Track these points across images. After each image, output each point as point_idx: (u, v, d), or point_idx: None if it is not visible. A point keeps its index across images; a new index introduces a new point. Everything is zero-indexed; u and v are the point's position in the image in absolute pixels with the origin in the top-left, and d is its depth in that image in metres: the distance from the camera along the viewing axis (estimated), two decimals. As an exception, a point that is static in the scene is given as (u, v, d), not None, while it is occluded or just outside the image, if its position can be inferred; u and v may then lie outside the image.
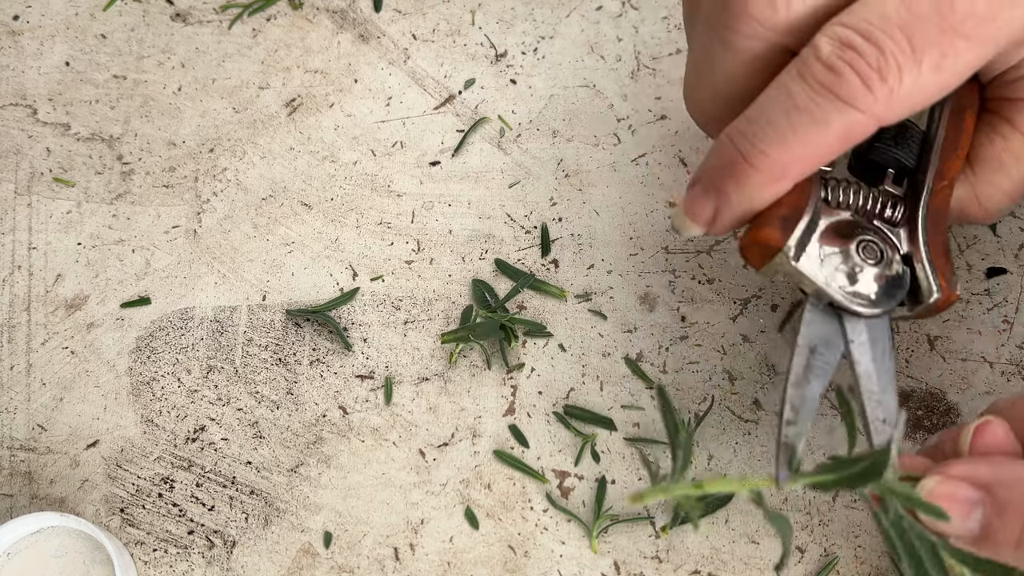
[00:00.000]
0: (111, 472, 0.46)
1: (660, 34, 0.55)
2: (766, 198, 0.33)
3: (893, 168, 0.37)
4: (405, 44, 0.56)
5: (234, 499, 0.46)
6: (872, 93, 0.30)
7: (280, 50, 0.56)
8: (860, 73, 0.29)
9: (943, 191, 0.36)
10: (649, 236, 0.50)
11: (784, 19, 0.31)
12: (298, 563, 0.44)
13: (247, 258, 0.51)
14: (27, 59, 0.57)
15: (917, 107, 0.31)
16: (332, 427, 0.47)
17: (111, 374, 0.48)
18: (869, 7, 0.30)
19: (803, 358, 0.35)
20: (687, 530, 0.44)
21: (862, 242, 0.35)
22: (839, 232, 0.35)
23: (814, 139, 0.31)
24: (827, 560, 0.43)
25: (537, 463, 0.46)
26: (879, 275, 0.35)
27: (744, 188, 0.33)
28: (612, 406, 0.47)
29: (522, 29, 0.56)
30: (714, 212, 0.34)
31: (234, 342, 0.49)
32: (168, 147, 0.54)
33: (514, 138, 0.53)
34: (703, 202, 0.34)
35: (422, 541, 0.45)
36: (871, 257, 0.35)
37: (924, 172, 0.36)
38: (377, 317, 0.49)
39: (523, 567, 0.44)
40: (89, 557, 0.43)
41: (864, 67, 0.29)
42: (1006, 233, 0.48)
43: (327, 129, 0.54)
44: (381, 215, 0.52)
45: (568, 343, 0.48)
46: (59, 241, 0.52)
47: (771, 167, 0.32)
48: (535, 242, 0.50)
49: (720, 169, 0.33)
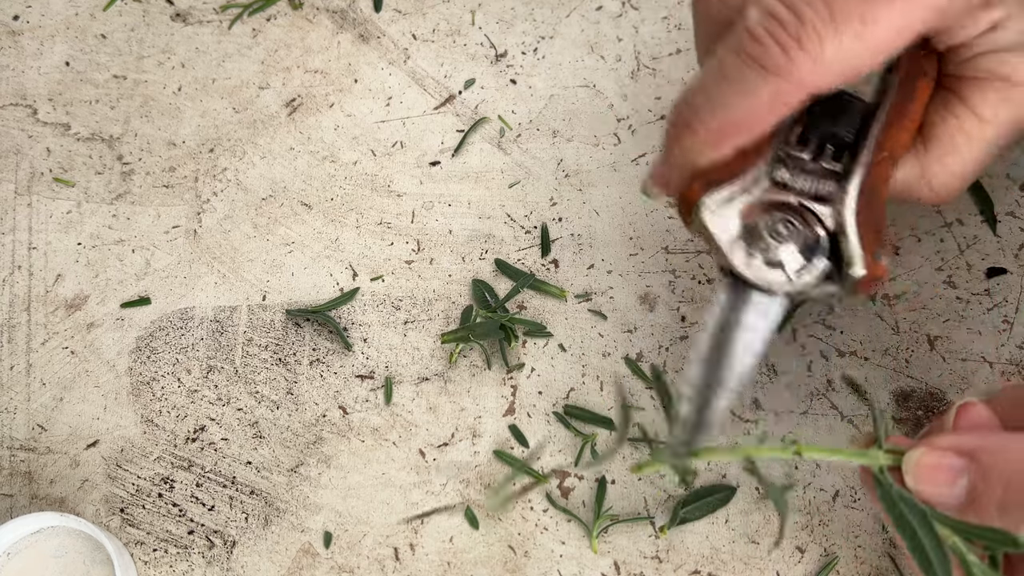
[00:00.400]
0: (111, 472, 0.46)
1: (660, 34, 0.55)
2: (703, 161, 0.34)
3: (831, 143, 0.36)
4: (405, 44, 0.56)
5: (234, 499, 0.46)
6: (793, 62, 0.30)
7: (280, 50, 0.56)
8: (780, 42, 0.30)
9: (882, 163, 0.35)
10: (649, 236, 0.50)
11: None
12: (298, 563, 0.44)
13: (247, 258, 0.51)
14: (27, 59, 0.57)
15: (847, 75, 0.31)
16: (332, 427, 0.47)
17: (111, 374, 0.48)
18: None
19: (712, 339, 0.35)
20: (687, 530, 0.44)
21: (777, 219, 0.35)
22: (761, 207, 0.35)
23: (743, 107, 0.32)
24: (827, 560, 0.43)
25: (537, 463, 0.46)
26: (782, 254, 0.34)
27: (685, 151, 0.34)
28: (612, 406, 0.47)
29: (522, 29, 0.56)
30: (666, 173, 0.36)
31: (234, 342, 0.49)
32: (168, 147, 0.54)
33: (514, 138, 0.53)
34: (659, 167, 0.36)
35: (422, 541, 0.45)
36: (780, 236, 0.34)
37: (862, 145, 0.35)
38: (377, 317, 0.49)
39: (523, 567, 0.44)
40: (89, 557, 0.43)
41: (784, 36, 0.30)
42: (1006, 233, 0.48)
43: (327, 129, 0.54)
44: (381, 215, 0.52)
45: (568, 343, 0.48)
46: (59, 241, 0.52)
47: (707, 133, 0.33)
48: (535, 242, 0.50)
49: (669, 135, 0.35)
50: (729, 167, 0.35)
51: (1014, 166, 0.50)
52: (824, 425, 0.45)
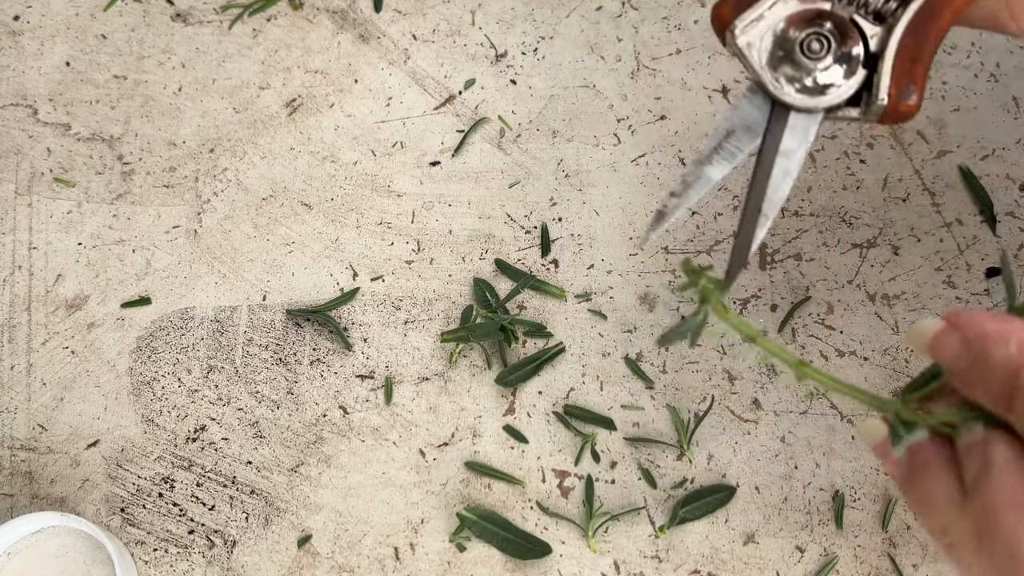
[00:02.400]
0: (111, 472, 0.46)
1: (660, 34, 0.55)
2: None
3: None
4: (405, 44, 0.56)
5: (234, 499, 0.46)
6: None
7: (280, 50, 0.56)
8: None
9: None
10: (649, 236, 0.50)
11: None
12: (298, 563, 0.44)
13: (247, 258, 0.51)
14: (27, 59, 0.57)
15: None
16: (332, 427, 0.47)
17: (111, 374, 0.49)
18: None
19: (715, 140, 0.34)
20: (686, 530, 0.44)
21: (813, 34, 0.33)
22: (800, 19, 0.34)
23: None
24: (827, 560, 0.43)
25: (537, 463, 0.46)
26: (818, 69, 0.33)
27: None
28: (612, 406, 0.47)
29: (522, 29, 0.56)
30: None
31: (234, 342, 0.49)
32: (168, 147, 0.54)
33: (514, 138, 0.53)
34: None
35: (422, 541, 0.45)
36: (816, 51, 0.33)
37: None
38: (377, 317, 0.49)
39: (523, 567, 0.44)
40: (89, 557, 0.43)
41: None
42: (1006, 233, 0.48)
43: (327, 129, 0.54)
44: (381, 215, 0.52)
45: (568, 343, 0.48)
46: (59, 241, 0.52)
47: None
48: (535, 242, 0.50)
49: None
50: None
51: (1014, 166, 0.50)
52: (824, 425, 0.45)
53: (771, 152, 0.34)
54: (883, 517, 0.44)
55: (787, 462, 0.45)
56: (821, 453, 0.45)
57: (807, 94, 0.33)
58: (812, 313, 0.48)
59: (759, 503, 0.44)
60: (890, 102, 0.33)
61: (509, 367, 0.47)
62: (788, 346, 0.47)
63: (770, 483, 0.45)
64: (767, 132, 0.34)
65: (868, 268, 0.48)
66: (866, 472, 0.45)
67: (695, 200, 0.34)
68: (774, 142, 0.34)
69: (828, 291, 0.48)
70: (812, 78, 0.33)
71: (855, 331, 0.47)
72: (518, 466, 0.46)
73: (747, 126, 0.34)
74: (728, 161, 0.34)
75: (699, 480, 0.45)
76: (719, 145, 0.34)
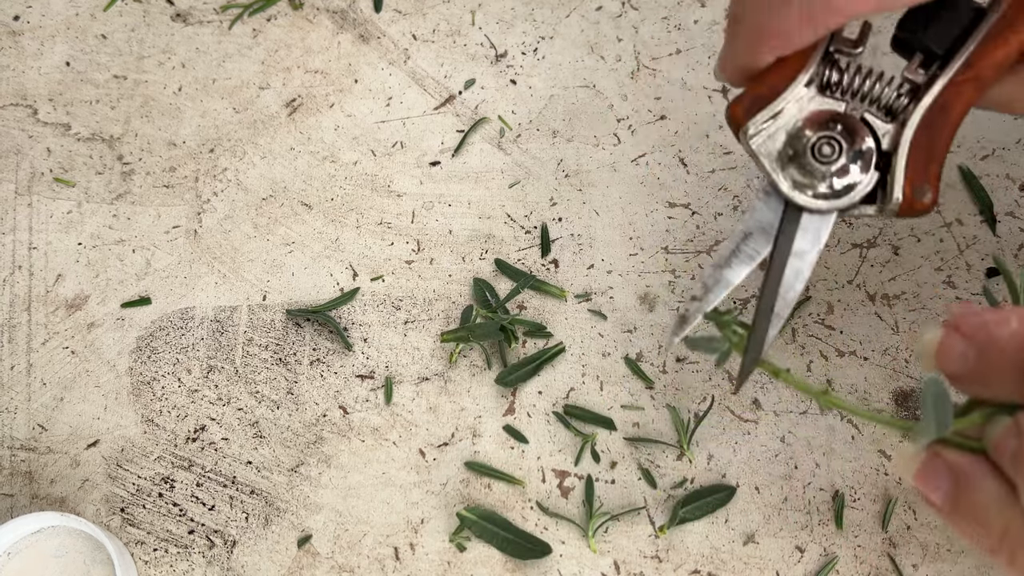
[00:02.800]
0: (111, 472, 0.46)
1: (660, 34, 0.55)
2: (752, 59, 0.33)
3: (921, 51, 0.33)
4: (405, 44, 0.56)
5: (234, 499, 0.46)
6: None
7: (280, 50, 0.56)
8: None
9: (964, 84, 0.32)
10: (649, 236, 0.50)
11: None
12: (298, 563, 0.44)
13: (247, 258, 0.51)
14: (27, 59, 0.57)
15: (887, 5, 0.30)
16: (332, 427, 0.47)
17: (111, 374, 0.49)
18: None
19: (733, 243, 0.35)
20: (686, 530, 0.44)
21: (825, 138, 0.33)
22: (812, 121, 0.34)
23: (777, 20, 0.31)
24: (827, 560, 0.43)
25: (537, 463, 0.46)
26: (832, 173, 0.33)
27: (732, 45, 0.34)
28: (612, 406, 0.47)
29: (522, 29, 0.56)
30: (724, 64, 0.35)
31: (234, 342, 0.49)
32: (168, 147, 0.54)
33: (514, 138, 0.53)
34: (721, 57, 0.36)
35: (422, 541, 0.45)
36: (828, 155, 0.33)
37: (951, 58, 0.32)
38: (377, 317, 0.49)
39: (523, 567, 0.44)
40: (89, 557, 0.43)
41: None
42: (1006, 233, 0.48)
43: (327, 129, 0.54)
44: (381, 215, 0.52)
45: (568, 343, 0.48)
46: (59, 241, 0.52)
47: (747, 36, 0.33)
48: (535, 242, 0.50)
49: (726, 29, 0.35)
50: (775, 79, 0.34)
51: (1014, 166, 0.50)
52: (824, 425, 0.45)
53: (784, 254, 0.34)
54: (883, 517, 0.44)
55: (787, 462, 0.45)
56: (821, 453, 0.45)
57: (820, 197, 0.34)
58: (812, 313, 0.48)
59: (759, 503, 0.44)
60: (904, 201, 0.33)
61: (509, 367, 0.47)
62: (788, 346, 0.47)
63: (770, 483, 0.45)
64: (780, 233, 0.34)
65: (868, 268, 0.48)
66: (866, 472, 0.45)
67: (716, 303, 0.35)
68: (787, 243, 0.34)
69: (828, 291, 0.48)
70: (826, 183, 0.33)
71: (855, 331, 0.47)
72: (518, 466, 0.46)
73: (763, 228, 0.35)
74: (746, 264, 0.35)
75: (699, 480, 0.45)
76: (737, 248, 0.35)
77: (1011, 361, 0.27)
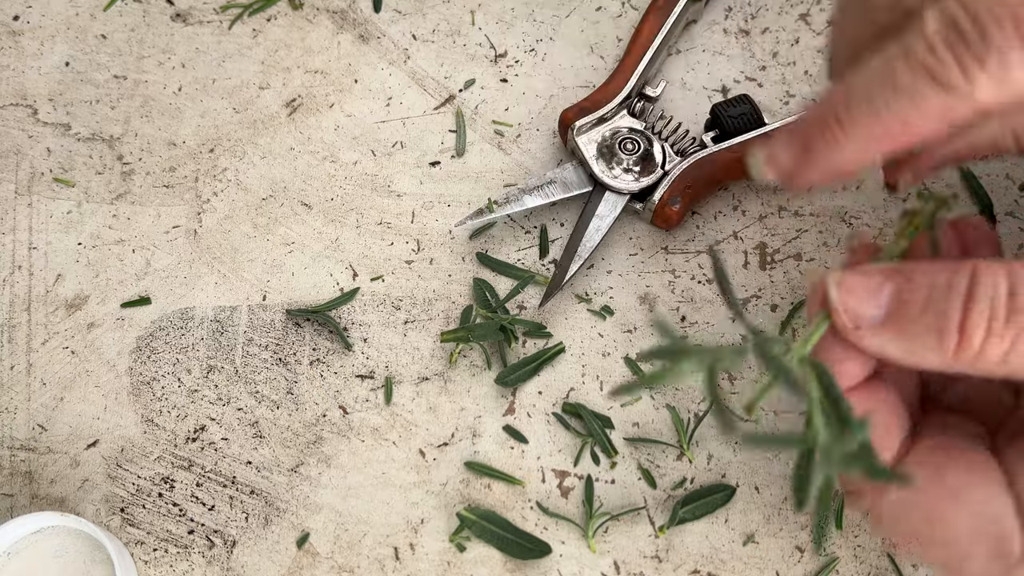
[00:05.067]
0: (111, 472, 0.46)
1: (660, 34, 0.55)
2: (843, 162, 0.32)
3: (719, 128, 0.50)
4: (405, 44, 0.56)
5: (234, 499, 0.46)
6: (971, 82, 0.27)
7: (280, 50, 0.56)
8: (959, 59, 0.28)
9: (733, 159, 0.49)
10: (649, 236, 0.50)
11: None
12: (298, 563, 0.44)
13: (247, 258, 0.51)
14: (27, 59, 0.57)
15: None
16: (332, 427, 0.47)
17: (111, 374, 0.49)
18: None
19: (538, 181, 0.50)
20: (686, 530, 0.44)
21: (630, 139, 0.49)
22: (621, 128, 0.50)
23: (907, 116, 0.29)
24: (827, 560, 0.43)
25: (537, 463, 0.46)
26: (630, 162, 0.49)
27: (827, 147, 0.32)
28: (612, 406, 0.47)
29: (522, 29, 0.56)
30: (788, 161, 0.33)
31: (234, 342, 0.49)
32: (168, 147, 0.54)
33: (514, 138, 0.53)
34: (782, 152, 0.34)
35: (422, 541, 0.45)
36: (630, 149, 0.49)
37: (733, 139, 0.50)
38: (377, 317, 0.49)
39: (523, 567, 0.44)
40: (89, 557, 0.43)
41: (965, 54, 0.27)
42: (1006, 233, 0.48)
43: (327, 129, 0.54)
44: (381, 215, 0.52)
45: (568, 343, 0.48)
46: (59, 241, 0.52)
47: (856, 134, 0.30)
48: (535, 242, 0.50)
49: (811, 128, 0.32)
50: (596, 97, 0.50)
51: (1014, 166, 0.50)
52: (824, 425, 0.45)
53: (589, 214, 0.49)
54: (883, 517, 0.44)
55: (787, 462, 0.45)
56: (821, 453, 0.45)
57: (616, 180, 0.49)
58: (812, 313, 0.48)
59: (759, 503, 0.44)
60: (660, 203, 0.48)
61: (509, 367, 0.47)
62: (788, 346, 0.47)
63: (770, 483, 0.45)
64: (588, 200, 0.49)
65: (868, 268, 0.48)
66: (866, 472, 0.45)
67: (506, 214, 0.50)
68: (592, 207, 0.49)
69: (828, 291, 0.48)
70: (623, 170, 0.49)
71: (855, 331, 0.47)
72: (518, 466, 0.46)
73: (564, 182, 0.49)
74: (541, 199, 0.49)
75: (699, 480, 0.45)
76: (539, 186, 0.49)
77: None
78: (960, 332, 0.27)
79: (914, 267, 0.30)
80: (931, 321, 0.28)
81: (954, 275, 0.28)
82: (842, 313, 0.30)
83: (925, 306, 0.28)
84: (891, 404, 0.32)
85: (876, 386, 0.32)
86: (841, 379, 0.31)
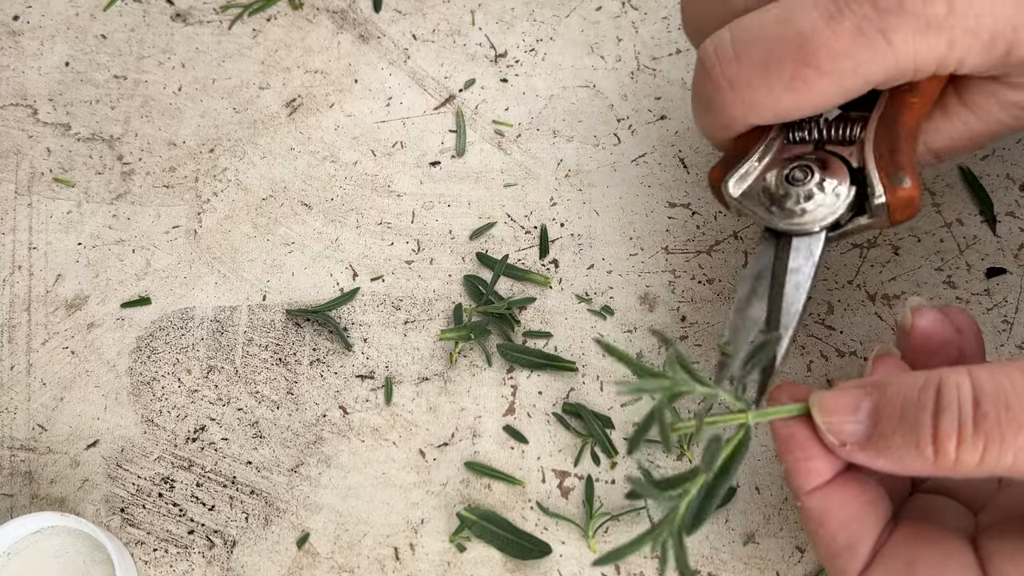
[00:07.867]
0: (111, 472, 0.46)
1: (660, 34, 0.55)
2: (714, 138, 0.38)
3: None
4: (405, 44, 0.56)
5: (234, 499, 0.46)
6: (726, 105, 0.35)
7: (280, 50, 0.56)
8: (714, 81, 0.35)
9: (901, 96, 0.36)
10: (649, 236, 0.50)
11: None
12: (298, 563, 0.44)
13: (247, 258, 0.51)
14: (27, 59, 0.57)
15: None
16: (332, 427, 0.47)
17: (111, 374, 0.49)
18: None
19: (748, 285, 0.37)
20: (687, 530, 0.44)
21: (795, 167, 0.36)
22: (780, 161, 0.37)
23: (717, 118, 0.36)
24: (827, 560, 0.43)
25: (537, 463, 0.46)
26: (806, 193, 0.36)
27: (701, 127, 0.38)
28: (612, 406, 0.47)
29: (522, 29, 0.56)
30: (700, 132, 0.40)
31: (234, 342, 0.49)
32: (168, 147, 0.54)
33: (514, 138, 0.53)
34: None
35: (422, 541, 0.45)
36: (800, 178, 0.36)
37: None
38: (377, 317, 0.49)
39: (523, 567, 0.44)
40: (89, 557, 0.43)
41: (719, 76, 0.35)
42: (1006, 233, 0.48)
43: (327, 129, 0.54)
44: (381, 215, 0.52)
45: (568, 343, 0.48)
46: (59, 241, 0.52)
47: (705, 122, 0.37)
48: (535, 242, 0.50)
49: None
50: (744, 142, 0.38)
51: (1014, 166, 0.50)
52: (824, 425, 0.45)
53: (781, 273, 0.36)
54: (883, 517, 0.44)
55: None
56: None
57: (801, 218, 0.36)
58: (812, 313, 0.48)
59: (759, 503, 0.44)
60: (887, 194, 0.35)
61: (512, 343, 0.47)
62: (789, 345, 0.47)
63: (770, 483, 0.45)
64: (776, 259, 0.37)
65: (868, 268, 0.48)
66: (866, 472, 0.45)
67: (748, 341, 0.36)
68: (782, 264, 0.37)
69: (828, 291, 0.48)
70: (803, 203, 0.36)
71: (855, 331, 0.47)
72: (518, 466, 0.46)
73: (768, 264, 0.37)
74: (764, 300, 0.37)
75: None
76: (752, 289, 0.37)
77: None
78: (934, 443, 0.28)
79: (887, 380, 0.30)
80: (908, 434, 0.29)
81: (922, 388, 0.29)
82: (827, 434, 0.31)
83: (900, 420, 0.29)
84: (868, 496, 0.32)
85: (847, 481, 0.33)
86: (810, 477, 0.32)
